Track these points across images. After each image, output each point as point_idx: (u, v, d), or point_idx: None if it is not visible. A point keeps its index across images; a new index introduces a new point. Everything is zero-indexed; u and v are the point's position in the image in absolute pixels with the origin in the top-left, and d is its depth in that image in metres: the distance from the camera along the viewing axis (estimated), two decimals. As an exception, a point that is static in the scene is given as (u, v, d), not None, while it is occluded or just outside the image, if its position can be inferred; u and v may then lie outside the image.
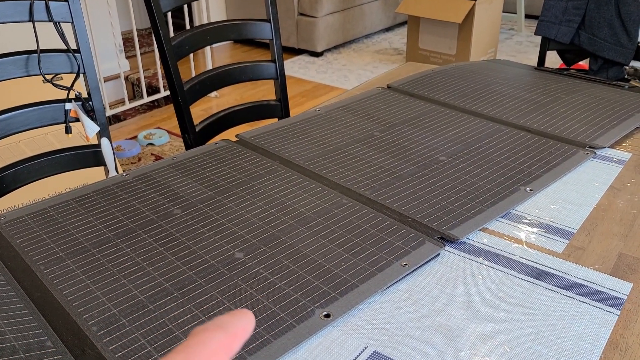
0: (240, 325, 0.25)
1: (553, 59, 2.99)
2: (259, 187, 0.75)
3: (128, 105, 2.70)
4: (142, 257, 0.61)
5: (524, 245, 0.63)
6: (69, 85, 1.04)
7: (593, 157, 0.83)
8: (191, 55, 2.90)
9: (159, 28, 1.09)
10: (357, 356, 0.48)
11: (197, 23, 3.24)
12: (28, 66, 1.01)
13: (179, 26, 3.31)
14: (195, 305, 0.54)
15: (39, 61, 1.01)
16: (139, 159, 2.31)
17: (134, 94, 3.01)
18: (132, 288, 0.57)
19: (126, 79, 3.02)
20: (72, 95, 1.06)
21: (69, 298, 0.55)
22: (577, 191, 0.74)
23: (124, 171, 0.81)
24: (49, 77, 1.03)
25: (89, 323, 0.52)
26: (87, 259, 0.61)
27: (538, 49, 1.58)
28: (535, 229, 0.66)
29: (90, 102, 1.08)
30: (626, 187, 0.75)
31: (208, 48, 3.09)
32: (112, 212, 0.70)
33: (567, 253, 0.62)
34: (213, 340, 0.23)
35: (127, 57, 3.09)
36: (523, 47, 3.74)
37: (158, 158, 2.31)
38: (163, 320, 0.52)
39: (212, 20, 3.22)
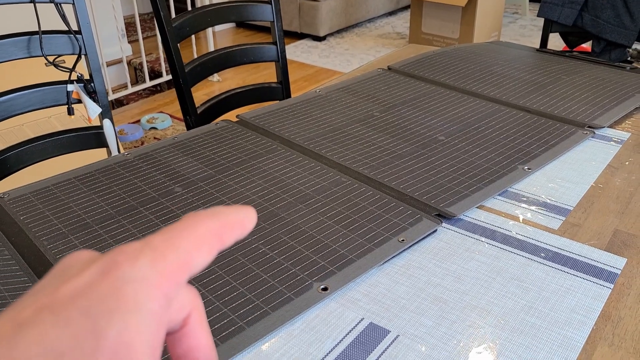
0: (236, 216, 0.22)
1: (556, 42, 2.97)
2: (259, 166, 0.76)
3: (130, 90, 2.70)
4: (143, 234, 0.62)
5: (521, 222, 0.64)
6: (70, 67, 1.05)
7: (592, 137, 0.84)
8: (193, 39, 2.89)
9: (159, 9, 1.09)
10: (354, 327, 0.49)
11: (198, 4, 3.22)
12: (29, 47, 1.01)
13: (180, 11, 3.30)
14: (195, 279, 0.55)
15: (40, 42, 1.01)
16: (142, 143, 2.32)
17: (137, 79, 3.01)
18: (133, 262, 0.57)
19: (128, 63, 3.02)
20: (74, 76, 1.07)
21: (72, 272, 0.56)
22: (575, 170, 0.75)
23: (125, 150, 0.81)
24: (50, 58, 1.04)
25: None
26: (89, 235, 0.62)
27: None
28: (532, 207, 0.67)
29: (92, 84, 1.09)
30: (624, 165, 0.76)
31: (210, 32, 3.08)
32: (114, 189, 0.71)
33: (563, 229, 0.62)
34: (202, 226, 0.21)
35: (129, 42, 3.08)
36: (527, 30, 3.72)
37: (161, 142, 2.31)
38: (164, 293, 0.53)
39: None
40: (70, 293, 0.17)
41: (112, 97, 2.64)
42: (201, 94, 2.81)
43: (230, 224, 0.22)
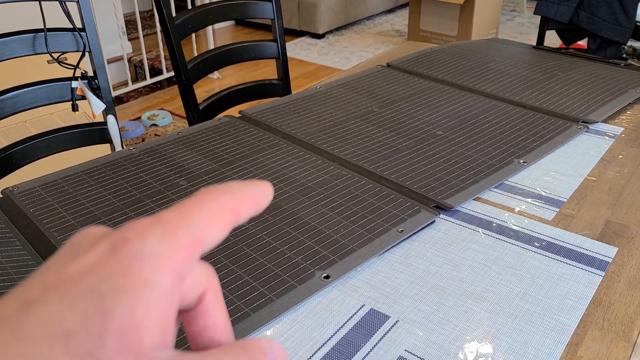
0: (251, 191, 0.21)
1: (553, 40, 2.99)
2: (262, 160, 0.78)
3: (131, 87, 2.71)
4: (150, 225, 0.64)
5: (516, 213, 0.66)
6: (74, 64, 1.07)
7: (586, 131, 0.86)
8: (193, 37, 2.91)
9: (162, 7, 1.11)
10: (355, 313, 0.51)
11: (198, 3, 3.23)
12: (35, 45, 1.03)
13: (181, 9, 3.31)
14: (202, 268, 0.57)
15: (45, 40, 1.03)
16: (143, 140, 2.34)
17: (137, 76, 3.02)
18: (141, 252, 0.59)
19: (129, 61, 3.03)
20: (78, 73, 1.08)
21: (82, 262, 0.58)
22: (569, 163, 0.77)
23: (130, 146, 0.83)
24: (55, 55, 1.05)
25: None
26: (98, 227, 0.64)
27: (538, 29, 1.59)
28: (527, 199, 0.69)
29: (96, 81, 1.11)
30: (617, 159, 0.78)
31: (210, 30, 3.10)
32: (121, 183, 0.73)
33: (557, 220, 0.65)
34: (215, 201, 0.20)
35: (129, 39, 3.10)
36: (525, 28, 3.74)
37: (161, 139, 2.33)
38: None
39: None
40: (78, 271, 0.17)
41: (113, 94, 2.66)
42: (202, 91, 2.83)
43: (245, 199, 0.21)
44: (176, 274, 0.18)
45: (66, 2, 1.06)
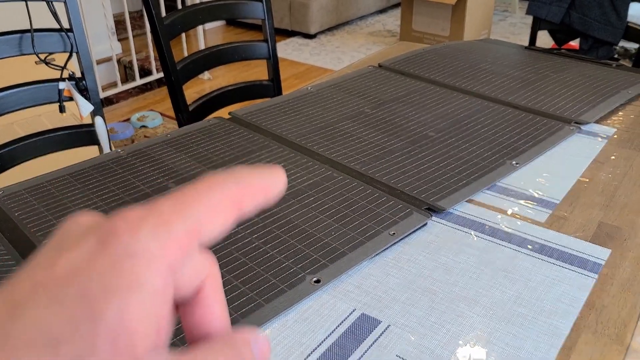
0: (261, 181, 0.19)
1: (546, 40, 3.00)
2: (252, 162, 0.77)
3: (121, 88, 2.69)
4: (138, 228, 0.63)
5: (509, 215, 0.65)
6: (62, 65, 1.05)
7: (578, 132, 0.85)
8: (184, 37, 2.89)
9: (151, 7, 1.09)
10: (346, 318, 0.51)
11: (189, 2, 3.21)
12: (21, 45, 1.02)
13: (171, 9, 3.29)
14: (190, 273, 0.56)
15: (32, 40, 1.01)
16: (132, 141, 2.32)
17: (127, 77, 3.00)
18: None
19: (118, 61, 3.01)
20: (65, 74, 1.07)
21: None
22: (561, 164, 0.77)
23: (116, 149, 0.82)
24: (42, 56, 1.04)
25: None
26: (84, 231, 0.63)
27: (529, 29, 1.59)
28: (520, 200, 0.68)
29: (83, 82, 1.09)
30: (609, 160, 0.78)
31: (200, 30, 3.08)
32: (108, 186, 0.72)
33: (550, 222, 0.64)
34: (219, 191, 0.18)
35: (119, 40, 3.08)
36: (517, 28, 3.75)
37: (152, 140, 2.31)
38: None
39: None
40: (67, 269, 0.16)
41: (102, 95, 2.63)
42: (192, 92, 2.81)
43: (253, 189, 0.19)
44: (170, 270, 0.17)
45: (53, 2, 1.05)
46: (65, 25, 1.06)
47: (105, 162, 0.78)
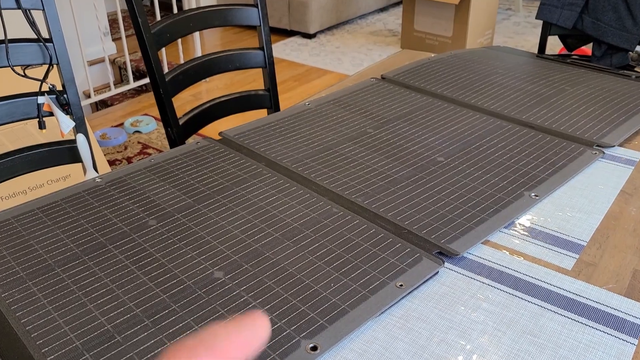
0: (239, 337, 0.20)
1: (553, 42, 2.91)
2: (242, 193, 0.70)
3: (114, 91, 2.61)
4: (111, 278, 0.55)
5: (530, 261, 0.58)
6: (41, 78, 0.97)
7: (602, 158, 0.78)
8: (179, 39, 2.81)
9: (137, 15, 1.02)
10: (347, 398, 0.43)
11: (185, 6, 3.13)
12: (-4, 57, 0.94)
13: (166, 6, 3.20)
14: (168, 336, 0.48)
15: (7, 52, 0.94)
16: (125, 148, 2.24)
17: (122, 78, 2.92)
18: (98, 315, 0.51)
19: (112, 62, 2.93)
20: (45, 87, 0.99)
21: (27, 328, 0.50)
22: (585, 197, 0.69)
23: (98, 176, 0.75)
24: (20, 68, 0.96)
25: (48, 359, 0.46)
26: (50, 280, 0.55)
27: (536, 30, 1.51)
28: (541, 242, 0.61)
29: (65, 95, 1.01)
30: (638, 191, 0.70)
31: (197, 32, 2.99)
32: (81, 223, 0.64)
33: (577, 270, 0.57)
34: None
35: (113, 40, 2.99)
36: (521, 28, 3.67)
37: (145, 147, 2.24)
38: (131, 354, 0.47)
39: (202, 3, 3.13)
40: None
41: (95, 98, 2.55)
42: (188, 94, 2.73)
43: (223, 351, 0.19)
44: None
45: (30, 10, 0.97)
46: (45, 34, 0.98)
47: (80, 192, 0.70)
